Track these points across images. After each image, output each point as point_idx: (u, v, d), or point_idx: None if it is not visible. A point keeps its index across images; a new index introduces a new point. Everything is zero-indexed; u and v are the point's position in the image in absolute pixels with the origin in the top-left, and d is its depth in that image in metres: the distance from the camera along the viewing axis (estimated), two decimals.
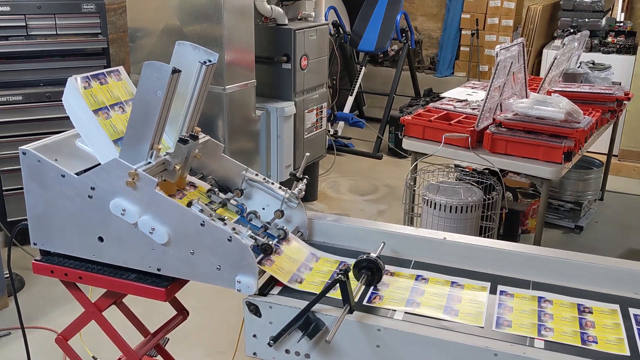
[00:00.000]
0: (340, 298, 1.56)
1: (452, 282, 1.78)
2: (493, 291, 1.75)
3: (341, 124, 6.49)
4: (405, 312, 1.62)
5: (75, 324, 1.96)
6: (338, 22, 6.52)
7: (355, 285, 1.65)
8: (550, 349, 1.49)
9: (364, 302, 1.66)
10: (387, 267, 1.84)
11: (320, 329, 1.58)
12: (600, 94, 4.01)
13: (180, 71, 1.72)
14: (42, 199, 1.81)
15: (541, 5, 6.52)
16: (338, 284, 1.53)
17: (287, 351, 1.65)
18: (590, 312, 1.65)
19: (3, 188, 3.88)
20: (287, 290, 1.72)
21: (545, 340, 1.52)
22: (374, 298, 1.68)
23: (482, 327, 1.57)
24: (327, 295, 1.59)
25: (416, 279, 1.80)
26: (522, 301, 1.70)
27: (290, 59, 4.33)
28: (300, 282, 1.74)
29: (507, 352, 1.47)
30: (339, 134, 6.43)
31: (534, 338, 1.53)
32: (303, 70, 4.43)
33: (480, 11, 7.28)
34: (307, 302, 1.59)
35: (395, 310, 1.63)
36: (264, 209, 2.00)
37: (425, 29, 8.19)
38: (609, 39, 6.15)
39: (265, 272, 1.72)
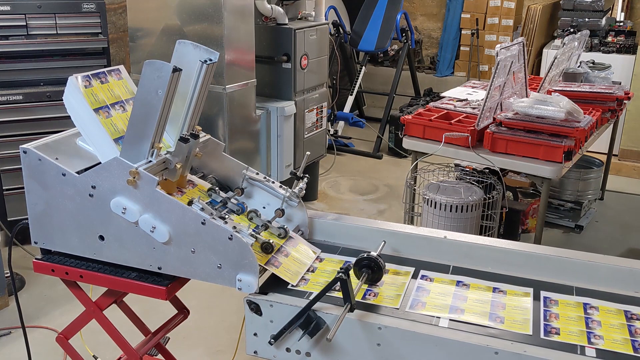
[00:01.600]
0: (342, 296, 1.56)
1: (494, 288, 1.75)
2: (536, 297, 1.72)
3: (341, 123, 6.49)
4: (450, 320, 1.60)
5: (76, 323, 1.97)
6: (338, 21, 6.53)
7: (356, 284, 1.66)
8: (603, 358, 1.47)
9: (407, 309, 1.64)
10: (425, 272, 1.83)
11: (321, 328, 1.59)
12: (601, 93, 4.01)
13: (181, 70, 1.72)
14: (43, 197, 1.82)
15: (541, 5, 6.52)
16: (339, 282, 1.54)
17: (287, 350, 1.65)
18: (638, 319, 1.62)
19: (3, 187, 3.88)
20: (288, 289, 1.72)
21: (596, 349, 1.49)
22: (417, 305, 1.66)
23: (531, 335, 1.55)
24: (327, 293, 1.59)
25: (457, 285, 1.77)
26: (567, 307, 1.67)
27: (291, 58, 4.33)
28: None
29: (508, 350, 1.47)
30: (339, 133, 6.43)
31: (584, 346, 1.50)
32: (303, 70, 4.43)
33: (480, 11, 7.28)
34: (308, 301, 1.59)
35: (439, 318, 1.60)
36: (264, 207, 2.01)
37: (425, 28, 8.19)
38: (609, 39, 6.15)
39: (266, 270, 1.73)
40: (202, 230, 1.67)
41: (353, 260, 1.76)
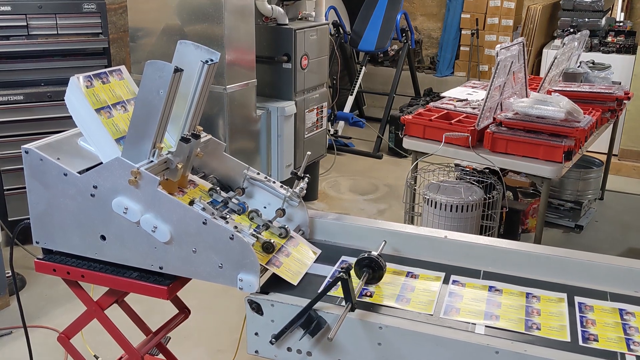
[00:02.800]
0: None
1: (527, 294, 1.73)
2: (571, 303, 1.69)
3: (341, 123, 6.50)
4: (486, 326, 1.58)
5: (77, 323, 1.97)
6: (338, 22, 6.53)
7: (357, 284, 1.66)
8: None
9: (441, 315, 1.62)
10: (456, 277, 1.81)
11: (322, 327, 1.59)
12: (600, 93, 4.02)
13: (182, 70, 1.73)
14: (45, 197, 1.82)
15: (541, 5, 6.53)
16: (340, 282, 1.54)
17: (288, 349, 1.65)
18: None
19: (4, 187, 3.88)
20: (288, 289, 1.72)
21: (636, 356, 1.48)
22: (451, 311, 1.65)
23: (569, 342, 1.53)
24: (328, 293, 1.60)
25: (489, 290, 1.75)
26: (603, 313, 1.65)
27: (291, 58, 4.33)
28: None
29: (509, 349, 1.48)
30: (339, 133, 6.43)
31: (624, 353, 1.49)
32: (303, 70, 4.44)
33: (480, 11, 7.29)
34: (309, 300, 1.60)
35: (475, 324, 1.59)
36: (265, 207, 2.01)
37: (425, 28, 8.19)
38: (609, 39, 6.15)
39: (267, 270, 1.73)
40: (203, 230, 1.68)
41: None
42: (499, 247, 1.89)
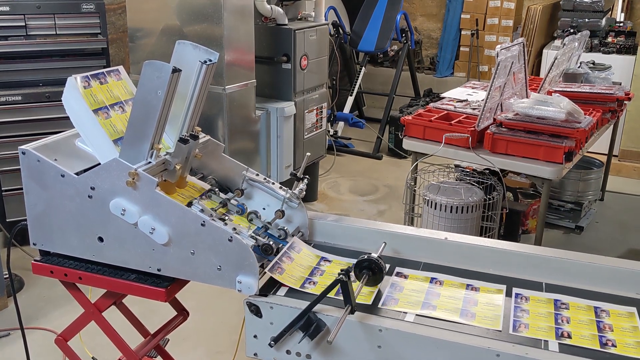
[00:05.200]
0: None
1: (595, 307, 1.66)
2: None
3: (341, 124, 6.49)
4: (560, 344, 1.51)
5: (75, 325, 1.96)
6: (338, 22, 6.52)
7: (356, 286, 1.65)
8: None
9: (510, 332, 1.56)
10: (519, 290, 1.74)
11: (322, 330, 1.58)
12: (601, 94, 4.01)
13: (180, 70, 1.72)
14: (42, 198, 1.81)
15: (541, 5, 6.52)
16: (339, 284, 1.53)
17: (288, 352, 1.64)
18: None
19: (2, 188, 3.87)
20: (288, 291, 1.71)
21: None
22: (519, 327, 1.59)
23: None
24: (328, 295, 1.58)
25: (555, 304, 1.68)
26: None
27: (290, 59, 4.32)
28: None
29: (509, 352, 1.47)
30: (339, 134, 6.42)
31: None
32: (303, 71, 4.43)
33: (480, 11, 7.28)
34: (309, 303, 1.58)
35: (547, 341, 1.53)
36: (264, 209, 2.00)
37: (425, 29, 8.18)
38: (609, 39, 6.15)
39: (266, 272, 1.72)
40: (201, 231, 1.67)
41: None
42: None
